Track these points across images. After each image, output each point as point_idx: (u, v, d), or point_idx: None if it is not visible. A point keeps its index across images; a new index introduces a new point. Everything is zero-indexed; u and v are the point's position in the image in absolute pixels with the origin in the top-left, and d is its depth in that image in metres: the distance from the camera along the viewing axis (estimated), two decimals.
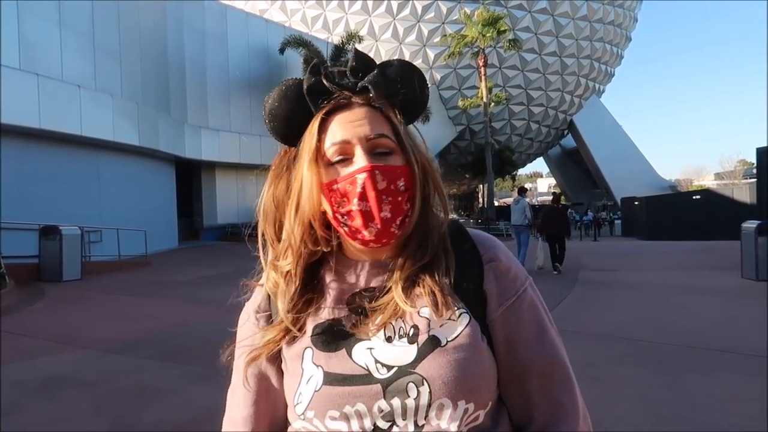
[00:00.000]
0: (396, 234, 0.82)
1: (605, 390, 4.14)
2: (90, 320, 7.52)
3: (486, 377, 0.81)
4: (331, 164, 0.82)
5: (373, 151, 0.81)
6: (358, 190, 0.79)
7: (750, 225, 9.43)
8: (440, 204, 0.88)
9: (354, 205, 0.79)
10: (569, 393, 0.86)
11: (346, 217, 0.81)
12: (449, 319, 0.80)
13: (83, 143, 14.55)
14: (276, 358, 0.88)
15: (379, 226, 0.79)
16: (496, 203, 44.85)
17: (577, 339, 5.72)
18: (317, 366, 0.81)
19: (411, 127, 0.88)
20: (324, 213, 0.85)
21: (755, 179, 17.73)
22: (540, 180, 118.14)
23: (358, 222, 0.80)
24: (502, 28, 31.36)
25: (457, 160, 47.94)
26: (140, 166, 17.29)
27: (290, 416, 0.87)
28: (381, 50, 40.25)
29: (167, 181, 19.96)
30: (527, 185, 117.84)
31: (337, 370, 0.79)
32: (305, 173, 0.82)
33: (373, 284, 0.85)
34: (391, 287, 0.83)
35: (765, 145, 12.09)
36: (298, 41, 25.96)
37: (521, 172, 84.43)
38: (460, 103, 37.62)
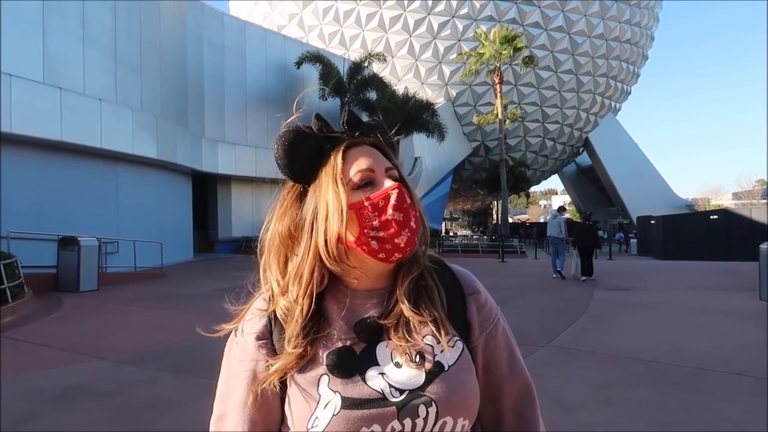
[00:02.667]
0: (416, 244, 0.93)
1: (620, 412, 4.10)
2: (106, 331, 7.59)
3: (478, 396, 0.93)
4: (356, 188, 0.93)
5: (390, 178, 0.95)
6: (393, 202, 0.90)
7: None
8: (424, 237, 0.98)
9: (390, 216, 0.90)
10: (533, 409, 1.01)
11: (377, 230, 0.90)
12: (448, 345, 0.91)
13: (102, 155, 14.80)
14: (277, 385, 0.91)
15: (409, 233, 0.90)
16: (510, 220, 44.64)
17: (592, 359, 5.67)
18: (334, 392, 0.86)
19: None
20: (337, 241, 0.92)
21: None
22: (555, 197, 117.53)
23: (392, 230, 0.89)
24: (519, 46, 31.45)
25: (472, 176, 47.92)
26: (158, 179, 17.52)
27: None
28: (397, 67, 40.59)
29: (184, 194, 20.18)
30: (542, 202, 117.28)
31: (354, 395, 0.85)
32: (331, 195, 0.92)
33: (373, 312, 0.93)
34: (395, 307, 0.92)
35: None
36: (315, 57, 26.26)
37: (536, 189, 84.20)
38: (475, 120, 37.69)
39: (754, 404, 4.20)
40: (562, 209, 15.18)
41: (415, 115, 27.67)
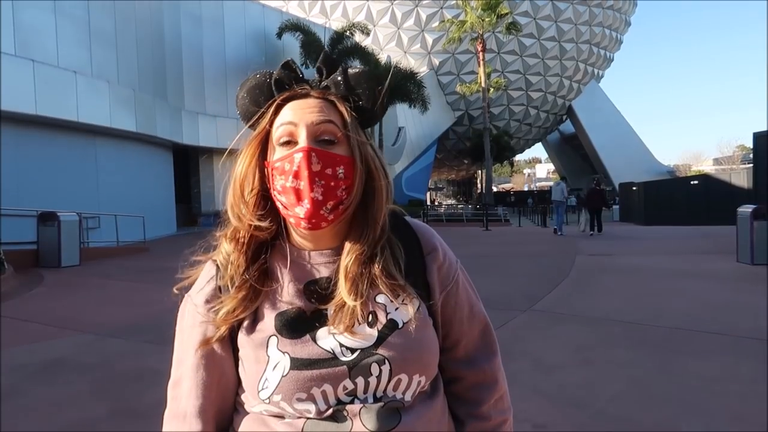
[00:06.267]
0: (328, 219, 0.86)
1: (598, 372, 4.19)
2: (89, 305, 7.56)
3: (435, 352, 0.92)
4: (279, 145, 0.87)
5: (317, 137, 0.85)
6: (294, 168, 0.83)
7: (746, 210, 9.47)
8: (372, 213, 0.90)
9: (288, 182, 0.84)
10: (490, 335, 1.02)
11: (281, 194, 0.86)
12: (402, 303, 0.87)
13: (80, 129, 14.53)
14: (229, 348, 0.90)
15: (309, 205, 0.83)
16: (494, 189, 44.81)
17: (572, 322, 5.77)
18: (283, 353, 0.84)
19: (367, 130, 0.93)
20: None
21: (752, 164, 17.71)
22: (539, 165, 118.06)
23: (291, 199, 0.84)
24: (502, 12, 31.13)
25: (456, 146, 47.86)
26: (138, 153, 17.28)
27: (249, 401, 0.89)
28: (379, 35, 40.02)
29: (165, 168, 19.94)
30: (526, 171, 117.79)
31: (303, 356, 0.83)
32: (244, 151, 0.89)
33: (324, 273, 0.90)
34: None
35: (763, 130, 12.08)
36: (296, 26, 25.79)
37: (520, 157, 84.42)
38: (459, 89, 37.47)
39: (728, 362, 4.32)
40: (563, 178, 19.77)
41: (399, 85, 27.42)
